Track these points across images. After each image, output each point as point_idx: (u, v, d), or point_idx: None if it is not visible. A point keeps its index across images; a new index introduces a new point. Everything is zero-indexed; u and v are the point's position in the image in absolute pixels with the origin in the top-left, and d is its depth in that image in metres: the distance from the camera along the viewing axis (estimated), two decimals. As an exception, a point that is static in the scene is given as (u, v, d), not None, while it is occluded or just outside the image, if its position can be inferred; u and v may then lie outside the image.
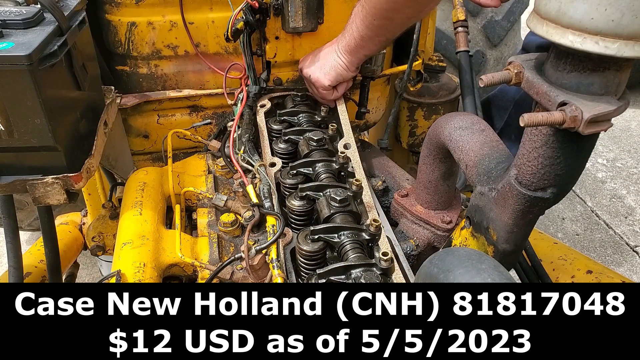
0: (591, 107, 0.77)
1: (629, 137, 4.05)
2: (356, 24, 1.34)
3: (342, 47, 1.43)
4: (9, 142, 1.14)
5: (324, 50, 1.51)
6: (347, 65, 1.46)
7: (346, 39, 1.41)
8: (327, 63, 1.48)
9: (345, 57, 1.44)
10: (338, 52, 1.46)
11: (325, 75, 1.49)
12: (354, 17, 1.35)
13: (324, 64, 1.49)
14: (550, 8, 0.77)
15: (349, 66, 1.46)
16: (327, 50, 1.50)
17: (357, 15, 1.33)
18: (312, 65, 1.52)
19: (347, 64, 1.45)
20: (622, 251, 3.00)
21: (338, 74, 1.48)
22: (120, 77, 1.62)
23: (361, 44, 1.38)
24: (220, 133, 1.71)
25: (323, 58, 1.50)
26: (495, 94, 2.27)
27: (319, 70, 1.49)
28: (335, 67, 1.47)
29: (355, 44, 1.39)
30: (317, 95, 1.58)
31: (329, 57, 1.48)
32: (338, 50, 1.45)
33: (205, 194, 1.47)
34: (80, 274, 1.98)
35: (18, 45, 1.04)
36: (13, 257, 1.39)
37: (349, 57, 1.44)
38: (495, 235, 1.07)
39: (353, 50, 1.41)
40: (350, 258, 1.09)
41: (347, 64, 1.45)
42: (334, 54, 1.47)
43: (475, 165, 1.12)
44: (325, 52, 1.49)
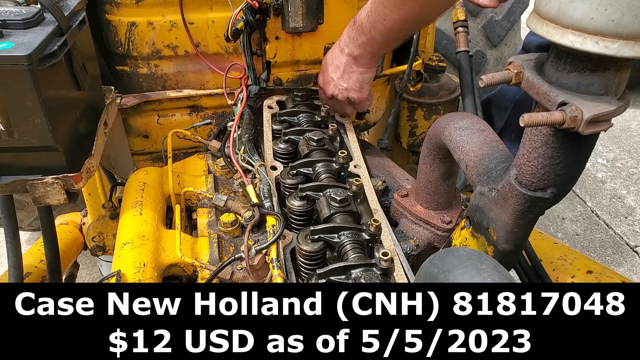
0: (591, 107, 0.77)
1: (629, 137, 4.05)
2: (377, 30, 1.32)
3: (361, 57, 1.42)
4: (9, 142, 1.14)
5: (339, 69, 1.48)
6: (370, 69, 1.47)
7: (364, 49, 1.39)
8: (351, 79, 1.47)
9: (366, 64, 1.44)
10: (356, 65, 1.44)
11: (363, 91, 1.49)
12: (369, 27, 1.33)
13: (351, 81, 1.47)
14: (550, 8, 0.77)
15: (372, 69, 1.48)
16: (342, 68, 1.47)
17: (378, 22, 1.30)
18: (339, 85, 1.49)
19: (370, 68, 1.46)
20: (622, 251, 3.00)
21: (368, 82, 1.49)
22: (120, 77, 1.62)
23: (384, 45, 1.39)
24: (220, 133, 1.71)
25: (345, 77, 1.48)
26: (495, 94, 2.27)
27: (354, 91, 1.49)
28: (363, 80, 1.47)
29: (378, 47, 1.38)
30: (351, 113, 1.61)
31: (350, 73, 1.46)
32: (356, 62, 1.44)
33: (205, 194, 1.47)
34: (80, 274, 1.98)
35: (18, 45, 1.04)
36: (13, 257, 1.39)
37: (370, 62, 1.44)
38: (495, 235, 1.07)
39: (376, 54, 1.41)
40: (350, 258, 1.09)
41: (370, 68, 1.46)
42: (352, 68, 1.45)
43: (475, 165, 1.12)
44: (344, 69, 1.47)
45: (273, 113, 1.58)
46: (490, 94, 2.32)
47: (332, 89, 1.51)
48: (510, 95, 2.17)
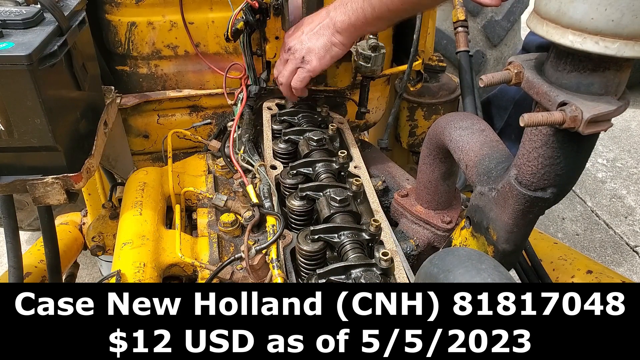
0: (591, 107, 0.77)
1: (629, 137, 4.05)
2: (372, 4, 1.19)
3: (343, 25, 1.27)
4: (9, 142, 1.14)
5: (313, 24, 1.33)
6: (342, 44, 1.30)
7: (350, 17, 1.24)
8: (319, 41, 1.31)
9: (342, 35, 1.28)
10: (332, 30, 1.29)
11: (322, 61, 1.33)
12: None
13: (318, 43, 1.31)
14: (550, 8, 0.77)
15: (346, 44, 1.31)
16: (317, 25, 1.32)
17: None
18: (303, 40, 1.33)
19: (343, 42, 1.30)
20: (622, 251, 3.00)
21: (332, 57, 1.32)
22: (120, 77, 1.62)
23: (373, 22, 1.23)
24: (220, 133, 1.71)
25: (314, 36, 1.31)
26: (495, 94, 2.28)
27: (314, 55, 1.32)
28: (329, 48, 1.31)
29: (365, 22, 1.23)
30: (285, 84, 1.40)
31: (321, 34, 1.30)
32: (333, 27, 1.29)
33: (205, 194, 1.47)
34: (80, 274, 1.98)
35: (18, 45, 1.04)
36: (13, 257, 1.39)
37: (348, 35, 1.28)
38: (495, 235, 1.07)
39: (358, 27, 1.26)
40: (350, 258, 1.09)
41: (343, 42, 1.30)
42: (327, 31, 1.30)
43: (475, 165, 1.12)
44: (318, 28, 1.31)
45: (273, 114, 1.58)
46: (490, 94, 2.32)
47: (293, 40, 1.36)
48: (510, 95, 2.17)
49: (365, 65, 1.55)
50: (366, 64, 1.54)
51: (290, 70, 1.38)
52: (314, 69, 1.34)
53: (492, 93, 2.30)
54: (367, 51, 1.52)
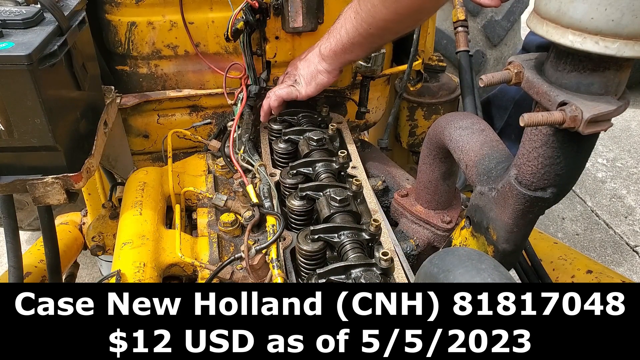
0: (591, 107, 0.77)
1: (629, 137, 4.05)
2: (346, 29, 1.26)
3: (326, 51, 1.34)
4: (9, 142, 1.14)
5: (308, 52, 1.43)
6: (327, 72, 1.38)
7: (331, 43, 1.32)
8: (307, 69, 1.40)
9: (326, 62, 1.36)
10: (319, 57, 1.37)
11: (308, 87, 1.40)
12: (343, 22, 1.27)
13: (306, 71, 1.40)
14: (550, 8, 0.77)
15: (330, 72, 1.38)
16: (309, 53, 1.42)
17: (349, 21, 1.24)
18: (298, 67, 1.43)
19: (328, 69, 1.37)
20: (622, 251, 3.00)
21: (318, 84, 1.40)
22: (120, 77, 1.62)
23: (350, 48, 1.30)
24: (220, 133, 1.71)
25: (304, 63, 1.41)
26: (495, 94, 2.27)
27: (303, 80, 1.40)
28: (315, 75, 1.39)
29: (343, 48, 1.30)
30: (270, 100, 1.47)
31: (310, 62, 1.39)
32: (319, 55, 1.36)
33: (205, 194, 1.47)
34: (80, 274, 1.98)
35: (18, 45, 1.04)
36: (13, 257, 1.39)
37: (332, 62, 1.35)
38: (495, 235, 1.07)
39: (338, 54, 1.32)
40: (350, 258, 1.09)
41: (328, 69, 1.37)
42: (314, 58, 1.38)
43: (475, 165, 1.12)
44: (309, 58, 1.40)
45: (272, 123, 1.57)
46: (490, 94, 2.32)
47: (291, 66, 1.48)
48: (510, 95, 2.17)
49: (365, 65, 1.55)
50: (366, 63, 1.55)
51: (281, 89, 1.45)
52: (299, 92, 1.42)
53: (492, 93, 2.30)
54: (367, 51, 1.52)
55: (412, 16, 1.17)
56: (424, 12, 1.20)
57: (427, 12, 1.23)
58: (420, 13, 1.19)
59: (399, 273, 1.13)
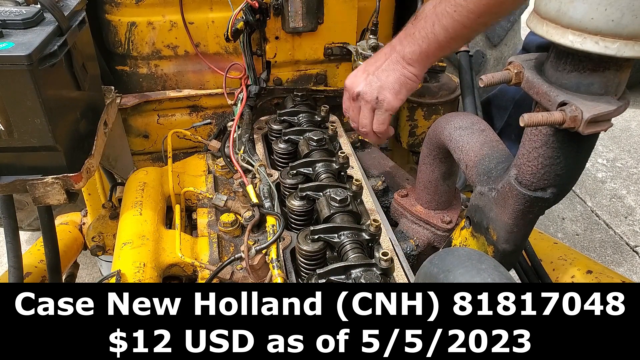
0: (591, 107, 0.77)
1: (629, 137, 4.05)
2: (443, 25, 1.12)
3: (414, 55, 1.20)
4: (9, 142, 1.14)
5: (378, 62, 1.27)
6: (416, 77, 1.23)
7: (421, 46, 1.18)
8: (391, 76, 1.23)
9: (415, 66, 1.22)
10: (403, 63, 1.22)
11: (398, 96, 1.24)
12: (435, 19, 1.13)
13: (390, 79, 1.23)
14: (550, 8, 0.77)
15: (419, 75, 1.23)
16: (383, 62, 1.25)
17: (445, 16, 1.11)
18: (372, 81, 1.25)
19: (417, 73, 1.23)
20: (622, 251, 3.00)
21: (408, 90, 1.25)
22: (120, 77, 1.62)
23: (446, 45, 1.16)
24: (220, 133, 1.71)
25: (383, 73, 1.24)
26: (495, 94, 2.27)
27: (389, 91, 1.24)
28: (404, 82, 1.23)
29: (438, 47, 1.16)
30: (368, 131, 1.32)
31: (392, 70, 1.23)
32: (403, 61, 1.22)
33: (205, 194, 1.47)
34: (80, 274, 1.98)
35: (18, 45, 1.04)
36: (13, 257, 1.39)
37: (422, 66, 1.22)
38: (495, 235, 1.07)
39: (431, 54, 1.19)
40: (350, 258, 1.09)
41: (417, 73, 1.23)
42: (397, 65, 1.23)
43: (475, 165, 1.12)
44: (386, 64, 1.25)
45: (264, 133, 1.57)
46: (490, 94, 2.32)
47: (361, 84, 1.27)
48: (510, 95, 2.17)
49: (365, 65, 1.55)
50: (366, 64, 1.54)
51: (368, 115, 1.30)
52: (391, 106, 1.26)
53: (492, 93, 2.30)
54: (367, 51, 1.52)
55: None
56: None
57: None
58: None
59: (399, 273, 1.13)
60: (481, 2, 1.04)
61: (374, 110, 1.28)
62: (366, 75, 1.27)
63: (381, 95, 1.24)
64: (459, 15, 1.08)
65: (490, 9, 1.05)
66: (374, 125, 1.30)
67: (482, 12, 1.05)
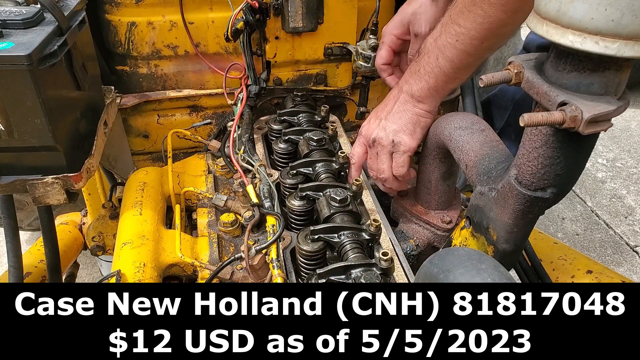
0: (591, 107, 0.77)
1: (629, 137, 4.05)
2: (447, 57, 1.10)
3: (422, 92, 1.18)
4: (9, 142, 1.14)
5: (388, 106, 1.25)
6: (429, 113, 1.21)
7: (427, 82, 1.16)
8: (403, 118, 1.22)
9: (425, 103, 1.20)
10: (413, 102, 1.21)
11: (414, 136, 1.22)
12: (437, 52, 1.11)
13: (402, 121, 1.22)
14: (550, 8, 0.77)
15: (432, 111, 1.21)
16: (393, 105, 1.24)
17: (448, 47, 1.09)
18: (386, 126, 1.24)
19: (429, 109, 1.21)
20: (622, 251, 3.00)
21: (423, 128, 1.23)
22: (120, 77, 1.62)
23: (454, 76, 1.13)
24: (220, 133, 1.71)
25: (395, 116, 1.23)
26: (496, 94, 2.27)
27: (405, 133, 1.22)
28: (417, 121, 1.22)
29: (446, 79, 1.14)
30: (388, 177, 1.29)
31: (403, 111, 1.22)
32: (412, 99, 1.21)
33: (205, 194, 1.47)
34: (80, 274, 1.98)
35: (18, 45, 1.04)
36: (13, 257, 1.39)
37: (432, 101, 1.20)
38: (495, 235, 1.07)
39: (440, 88, 1.17)
40: (350, 258, 1.09)
41: (429, 109, 1.21)
42: (407, 105, 1.21)
43: (475, 165, 1.12)
44: (396, 106, 1.24)
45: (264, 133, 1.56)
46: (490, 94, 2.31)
47: (376, 130, 1.26)
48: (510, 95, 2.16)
49: (365, 65, 1.55)
50: (366, 64, 1.55)
51: (386, 161, 1.28)
52: (408, 147, 1.24)
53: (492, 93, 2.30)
54: (367, 51, 1.52)
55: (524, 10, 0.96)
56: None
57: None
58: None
59: (399, 273, 1.13)
60: (482, 27, 1.01)
61: (391, 154, 1.27)
62: (379, 121, 1.26)
63: (397, 138, 1.23)
64: (462, 44, 1.06)
65: (491, 32, 1.02)
66: (393, 169, 1.28)
67: (485, 36, 1.02)
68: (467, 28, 1.03)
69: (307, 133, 1.43)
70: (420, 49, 1.18)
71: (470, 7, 1.02)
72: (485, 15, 0.99)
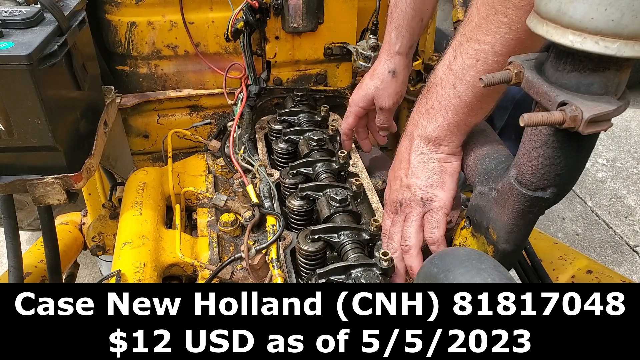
0: (591, 107, 0.77)
1: (629, 137, 4.04)
2: (465, 82, 0.92)
3: (441, 131, 1.00)
4: (9, 142, 1.14)
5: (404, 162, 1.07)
6: (453, 156, 1.03)
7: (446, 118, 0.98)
8: (427, 170, 1.04)
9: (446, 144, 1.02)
10: (431, 147, 1.03)
11: (446, 187, 1.04)
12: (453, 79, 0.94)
13: (426, 174, 1.04)
14: (550, 8, 0.77)
15: (456, 152, 1.03)
16: (408, 158, 1.06)
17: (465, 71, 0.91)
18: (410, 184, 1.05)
19: (452, 152, 1.03)
20: (622, 251, 3.00)
21: (452, 175, 1.04)
22: (120, 77, 1.62)
23: (477, 106, 0.95)
24: (220, 133, 1.71)
25: (415, 170, 1.04)
26: (495, 94, 2.27)
27: (435, 187, 1.04)
28: (442, 169, 1.03)
29: (467, 110, 0.95)
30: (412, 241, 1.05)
31: (421, 162, 1.04)
32: (428, 144, 1.02)
33: (205, 194, 1.47)
34: (80, 274, 1.98)
35: (18, 45, 1.04)
36: (13, 257, 1.39)
37: (454, 139, 1.01)
38: (495, 235, 1.07)
39: (461, 123, 0.98)
40: (350, 258, 1.09)
41: (452, 152, 1.03)
42: (425, 153, 1.02)
43: (475, 165, 1.12)
44: (412, 158, 1.05)
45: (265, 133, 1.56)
46: (490, 94, 2.31)
47: (399, 192, 1.07)
48: (510, 95, 2.16)
49: (365, 65, 1.55)
50: (366, 64, 1.55)
51: (414, 224, 1.05)
52: (443, 203, 1.04)
53: (492, 93, 2.29)
54: (367, 51, 1.52)
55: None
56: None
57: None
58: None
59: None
60: (508, 38, 0.85)
61: (422, 216, 1.06)
62: (399, 182, 1.07)
63: (426, 195, 1.04)
64: (484, 63, 0.89)
65: (521, 42, 0.85)
66: (425, 231, 1.05)
67: (512, 49, 0.85)
68: (490, 43, 0.87)
69: (307, 133, 1.43)
70: (428, 82, 1.02)
71: (490, 17, 0.85)
72: (512, 23, 0.83)
